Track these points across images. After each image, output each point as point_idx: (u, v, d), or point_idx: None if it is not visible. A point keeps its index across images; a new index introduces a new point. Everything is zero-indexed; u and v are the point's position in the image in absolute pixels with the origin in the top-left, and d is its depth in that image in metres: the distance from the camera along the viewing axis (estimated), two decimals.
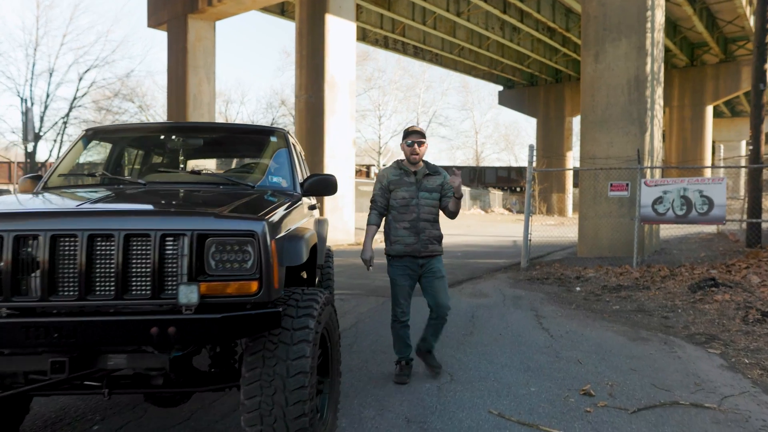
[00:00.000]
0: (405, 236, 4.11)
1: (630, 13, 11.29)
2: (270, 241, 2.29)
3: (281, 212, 2.73)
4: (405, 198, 4.13)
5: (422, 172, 4.20)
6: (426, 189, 4.17)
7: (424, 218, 4.14)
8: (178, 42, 21.21)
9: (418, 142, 4.13)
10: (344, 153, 16.44)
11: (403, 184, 4.16)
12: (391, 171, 4.25)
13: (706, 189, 9.04)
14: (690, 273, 8.53)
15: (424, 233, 4.13)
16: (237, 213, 2.41)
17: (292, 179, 3.73)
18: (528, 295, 7.91)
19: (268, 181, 3.70)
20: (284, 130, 4.06)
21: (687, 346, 5.34)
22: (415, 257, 4.14)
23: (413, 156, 4.15)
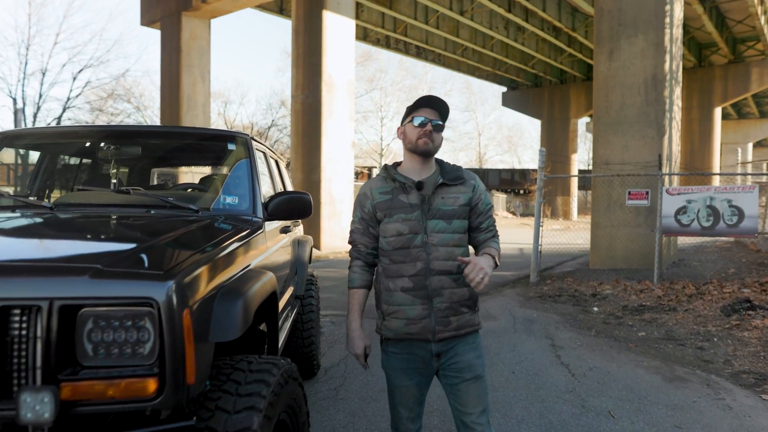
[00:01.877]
0: (406, 304, 2.25)
1: (647, 7, 10.48)
2: (181, 310, 1.49)
3: (214, 257, 1.93)
4: (402, 233, 2.26)
5: (433, 182, 2.30)
6: (441, 213, 2.26)
7: (440, 268, 2.24)
8: (171, 40, 20.45)
9: (434, 124, 2.30)
10: (343, 155, 15.66)
11: (398, 208, 2.28)
12: (378, 185, 2.37)
13: (736, 198, 8.22)
14: (719, 291, 7.72)
15: (442, 296, 2.24)
16: (130, 267, 1.60)
17: (252, 200, 2.91)
18: (541, 317, 7.09)
19: (220, 203, 2.90)
20: (245, 136, 3.24)
21: (735, 389, 4.52)
22: (427, 341, 2.28)
23: (422, 144, 2.28)
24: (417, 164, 2.35)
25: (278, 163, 4.55)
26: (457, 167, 2.42)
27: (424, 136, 2.29)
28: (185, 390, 1.50)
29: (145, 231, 2.16)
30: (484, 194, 2.39)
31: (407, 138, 2.34)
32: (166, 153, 3.43)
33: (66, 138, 3.21)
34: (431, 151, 2.33)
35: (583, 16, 25.02)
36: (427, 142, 2.30)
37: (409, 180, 2.33)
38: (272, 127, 38.21)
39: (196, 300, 1.62)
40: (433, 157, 2.39)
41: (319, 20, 15.24)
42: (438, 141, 2.35)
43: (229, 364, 1.88)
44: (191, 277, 1.64)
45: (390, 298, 2.30)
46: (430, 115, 2.33)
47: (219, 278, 1.88)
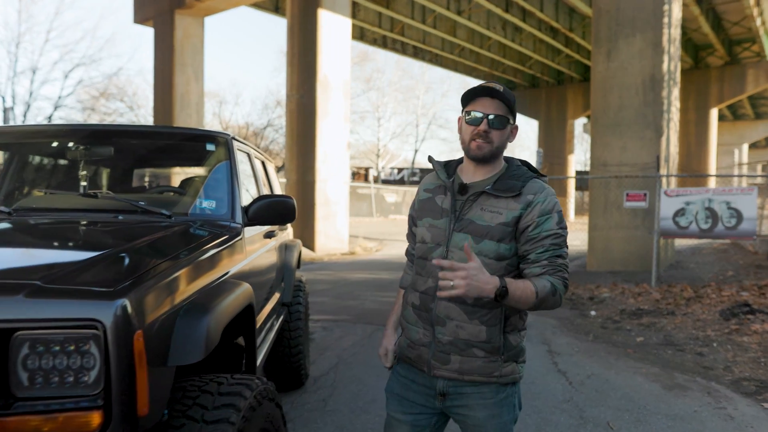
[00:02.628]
0: (411, 323, 1.95)
1: (645, 6, 10.36)
2: (132, 332, 1.33)
3: (180, 268, 1.76)
4: (425, 241, 1.93)
5: (480, 187, 1.87)
6: (472, 228, 1.83)
7: None
8: (164, 39, 20.24)
9: (491, 119, 1.83)
10: (338, 156, 15.49)
11: (429, 211, 1.95)
12: (429, 180, 2.05)
13: (734, 200, 8.09)
14: (718, 295, 7.58)
15: (444, 326, 1.85)
16: (75, 284, 1.43)
17: (230, 204, 2.74)
18: (537, 321, 6.95)
19: (197, 207, 2.74)
20: (227, 136, 3.07)
21: (736, 398, 4.38)
22: (427, 373, 1.91)
23: (474, 148, 1.85)
24: (471, 165, 1.92)
25: (265, 165, 4.38)
26: (524, 174, 1.88)
27: (477, 137, 1.83)
28: (136, 423, 1.34)
29: (105, 239, 2.00)
30: (543, 216, 1.78)
31: (461, 137, 1.91)
32: (142, 154, 3.25)
33: (34, 137, 3.04)
34: (486, 157, 1.85)
35: (581, 17, 24.90)
36: (480, 146, 1.83)
37: (457, 179, 1.93)
38: (268, 127, 38.00)
39: (152, 319, 1.45)
40: (497, 159, 1.91)
41: (315, 19, 15.07)
42: (499, 140, 1.85)
43: (196, 386, 1.72)
44: (148, 293, 1.48)
45: (405, 311, 2.01)
46: (488, 107, 1.83)
47: (183, 292, 1.72)
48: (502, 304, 1.73)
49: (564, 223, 1.83)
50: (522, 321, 1.92)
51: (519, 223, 1.80)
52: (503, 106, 1.84)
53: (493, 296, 1.63)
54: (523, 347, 1.91)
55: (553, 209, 1.81)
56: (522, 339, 1.91)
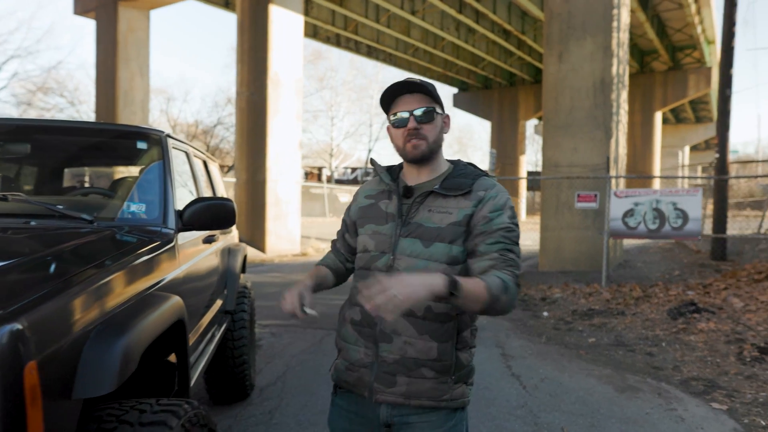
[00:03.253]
0: (350, 342, 1.75)
1: (596, 10, 10.47)
2: (22, 364, 1.13)
3: (93, 283, 1.56)
4: (367, 250, 1.76)
5: (427, 187, 1.72)
6: (421, 231, 1.67)
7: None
8: (107, 32, 19.51)
9: (418, 114, 1.69)
10: (289, 155, 15.22)
11: (372, 217, 1.79)
12: (369, 186, 1.91)
13: (681, 201, 8.23)
14: (665, 294, 7.68)
15: (391, 344, 1.66)
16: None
17: (162, 208, 2.53)
18: (491, 323, 6.89)
19: (125, 211, 2.52)
20: (160, 133, 2.85)
21: (686, 398, 4.39)
22: (368, 399, 1.70)
23: (411, 149, 1.70)
24: (413, 168, 1.77)
25: (207, 165, 4.16)
26: (473, 172, 1.75)
27: (410, 137, 1.68)
28: None
29: (6, 249, 1.78)
30: (495, 212, 1.63)
31: (394, 144, 1.75)
32: (65, 152, 2.99)
33: None
34: (425, 155, 1.70)
35: (533, 20, 25.22)
36: (416, 145, 1.68)
37: (402, 184, 1.77)
38: (218, 125, 37.23)
39: (52, 346, 1.25)
40: (437, 156, 1.75)
41: (266, 15, 14.76)
42: (433, 134, 1.70)
43: (114, 416, 1.52)
44: (48, 315, 1.27)
45: (341, 329, 1.80)
46: (411, 104, 1.69)
47: (97, 311, 1.51)
48: (455, 305, 1.52)
49: (516, 219, 1.68)
50: (473, 337, 1.74)
51: (471, 222, 1.65)
52: (425, 97, 1.70)
53: (446, 290, 1.40)
54: (473, 367, 1.74)
55: (506, 205, 1.67)
56: (472, 357, 1.74)
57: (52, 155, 3.01)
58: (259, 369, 4.99)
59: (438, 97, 1.71)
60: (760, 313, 6.18)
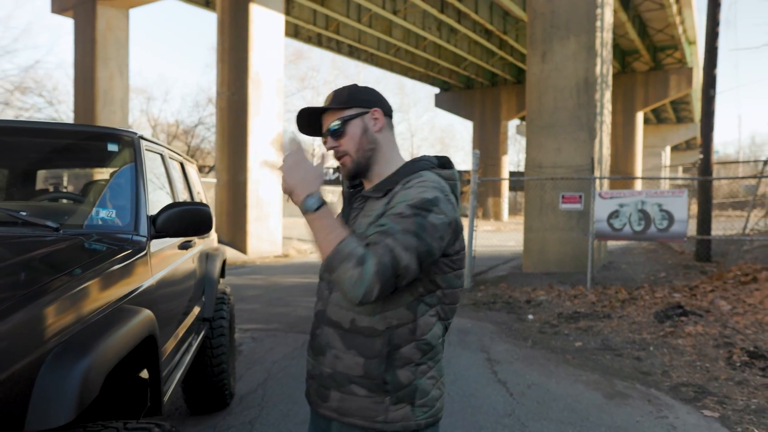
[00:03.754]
0: (307, 351, 1.69)
1: (579, 10, 10.43)
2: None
3: (52, 300, 1.41)
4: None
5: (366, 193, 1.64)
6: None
7: (332, 316, 1.57)
8: (85, 31, 19.18)
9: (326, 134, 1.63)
10: (270, 156, 15.01)
11: None
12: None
13: (666, 202, 8.19)
14: (651, 296, 7.64)
15: (325, 356, 1.57)
16: None
17: (134, 214, 2.38)
18: (475, 327, 6.79)
19: (94, 218, 2.37)
20: (132, 135, 2.69)
21: (676, 405, 4.30)
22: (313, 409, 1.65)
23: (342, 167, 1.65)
24: None
25: (184, 167, 3.99)
26: (411, 168, 1.57)
27: (336, 158, 1.63)
28: None
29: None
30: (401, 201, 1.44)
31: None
32: (32, 154, 2.81)
33: None
34: (355, 169, 1.60)
35: (514, 20, 25.23)
36: (342, 163, 1.62)
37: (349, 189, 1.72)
38: (199, 125, 36.82)
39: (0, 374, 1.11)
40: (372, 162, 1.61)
41: (246, 14, 14.57)
42: (351, 143, 1.58)
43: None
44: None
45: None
46: (326, 122, 1.62)
47: (53, 331, 1.36)
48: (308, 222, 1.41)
49: (430, 213, 1.41)
50: (421, 353, 1.52)
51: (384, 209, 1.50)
52: (333, 112, 1.61)
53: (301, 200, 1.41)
54: (422, 386, 1.52)
55: (416, 195, 1.43)
56: (421, 376, 1.53)
57: (21, 157, 2.83)
58: (239, 376, 4.84)
59: (348, 100, 1.59)
60: (747, 316, 6.14)
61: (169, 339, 2.67)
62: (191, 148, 36.55)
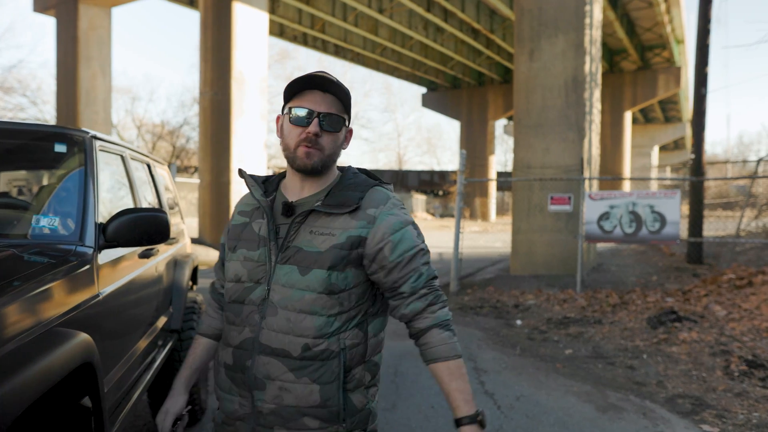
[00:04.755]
0: (224, 390, 1.47)
1: (567, 7, 10.25)
2: None
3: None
4: (240, 279, 1.47)
5: (309, 205, 1.44)
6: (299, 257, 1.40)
7: (271, 344, 1.39)
8: (67, 30, 18.81)
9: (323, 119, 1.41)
10: (254, 156, 14.76)
11: (245, 240, 1.50)
12: (245, 200, 1.63)
13: (658, 204, 8.01)
14: (643, 301, 7.45)
15: (265, 391, 1.39)
16: None
17: (80, 222, 2.13)
18: (462, 333, 6.56)
19: (35, 227, 2.12)
20: (83, 134, 2.43)
21: (673, 419, 4.10)
22: None
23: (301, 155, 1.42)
24: (297, 178, 1.48)
25: (151, 169, 3.73)
26: (364, 182, 1.49)
27: (305, 142, 1.40)
28: None
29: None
30: (397, 233, 1.40)
31: (283, 141, 1.46)
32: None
33: None
34: (315, 168, 1.42)
35: (501, 19, 25.10)
36: (309, 153, 1.40)
37: (280, 197, 1.50)
38: (185, 125, 36.41)
39: None
40: (329, 170, 1.48)
41: (229, 12, 14.29)
42: (331, 147, 1.43)
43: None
44: None
45: (217, 376, 1.52)
46: (319, 103, 1.41)
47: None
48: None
49: (422, 234, 1.50)
50: (369, 374, 1.47)
51: (365, 247, 1.40)
52: (337, 102, 1.45)
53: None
54: (372, 410, 1.47)
55: (406, 221, 1.45)
56: (372, 399, 1.48)
57: None
58: (212, 388, 4.57)
59: (349, 108, 1.48)
60: (744, 322, 5.96)
61: (122, 358, 2.42)
62: (177, 149, 36.15)
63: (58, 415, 1.83)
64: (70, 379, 1.78)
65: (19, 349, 1.41)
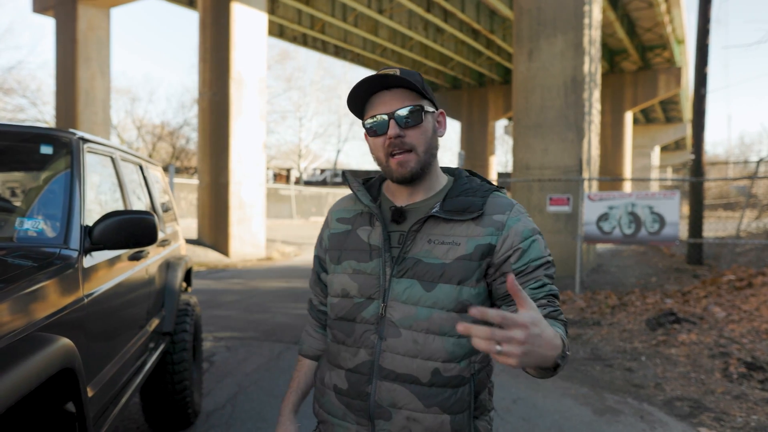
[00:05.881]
0: (336, 416, 1.34)
1: (567, 6, 10.20)
2: None
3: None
4: (348, 294, 1.34)
5: (424, 211, 1.33)
6: (419, 270, 1.27)
7: (396, 369, 1.27)
8: (66, 30, 18.77)
9: (400, 116, 1.27)
10: (253, 157, 14.70)
11: (351, 250, 1.36)
12: (342, 204, 1.47)
13: (657, 204, 7.97)
14: (642, 302, 7.41)
15: (392, 421, 1.27)
16: None
17: (65, 225, 2.11)
18: None
19: (20, 230, 2.10)
20: (71, 135, 2.41)
21: (671, 422, 4.06)
22: None
23: (395, 166, 1.29)
24: (403, 186, 1.36)
25: (143, 170, 3.70)
26: (480, 186, 1.35)
27: (394, 149, 1.28)
28: None
29: None
30: (527, 241, 1.28)
31: (375, 156, 1.34)
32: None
33: None
34: (415, 173, 1.29)
35: (501, 19, 25.06)
36: (403, 162, 1.28)
37: (387, 204, 1.37)
38: (185, 126, 36.35)
39: None
40: (432, 169, 1.35)
41: (227, 12, 14.25)
42: (422, 141, 1.29)
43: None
44: None
45: (321, 397, 1.39)
46: (391, 103, 1.28)
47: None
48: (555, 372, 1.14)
49: (548, 247, 1.35)
50: (491, 397, 1.37)
51: (492, 256, 1.27)
52: (409, 93, 1.29)
53: (552, 365, 1.05)
54: None
55: (534, 230, 1.31)
56: (491, 425, 1.36)
57: None
58: (208, 390, 4.54)
59: (427, 90, 1.31)
60: (743, 324, 5.91)
61: (110, 362, 2.39)
62: (177, 150, 36.12)
63: (40, 420, 1.80)
64: (51, 384, 1.75)
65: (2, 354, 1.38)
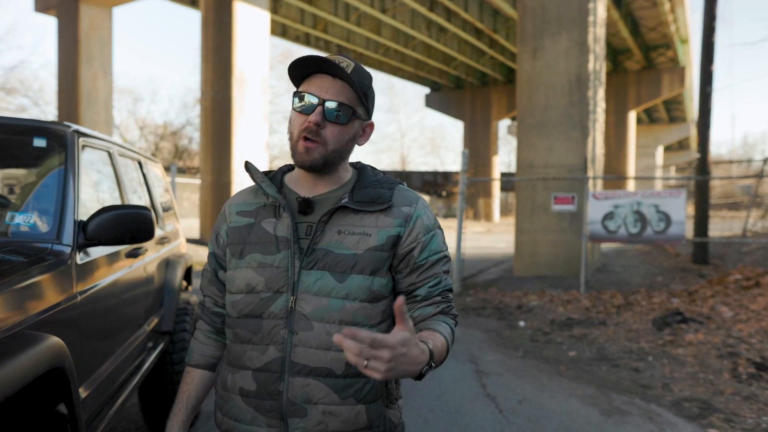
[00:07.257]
0: (244, 422, 1.27)
1: (571, 4, 10.12)
2: None
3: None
4: (254, 289, 1.27)
5: (331, 203, 1.30)
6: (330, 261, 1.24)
7: (309, 362, 1.22)
8: (68, 30, 18.76)
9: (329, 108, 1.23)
10: (256, 157, 14.66)
11: (256, 243, 1.30)
12: (241, 198, 1.41)
13: (663, 203, 7.88)
14: (648, 302, 7.32)
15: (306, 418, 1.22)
16: None
17: (58, 220, 2.04)
18: (464, 334, 6.45)
19: (13, 225, 2.04)
20: (64, 129, 2.35)
21: (680, 423, 3.98)
22: None
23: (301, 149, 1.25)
24: (308, 174, 1.32)
25: (142, 166, 3.64)
26: (387, 180, 1.35)
27: (305, 133, 1.23)
28: None
29: None
30: (428, 234, 1.30)
31: (290, 132, 1.29)
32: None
33: None
34: (315, 165, 1.25)
35: (504, 18, 24.98)
36: (309, 149, 1.24)
37: (291, 195, 1.32)
38: (187, 126, 36.35)
39: None
40: (335, 167, 1.31)
41: (230, 11, 14.21)
42: (336, 141, 1.25)
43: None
44: None
45: (225, 404, 1.31)
46: (327, 90, 1.24)
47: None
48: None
49: (446, 241, 1.40)
50: (397, 385, 1.38)
51: (398, 246, 1.28)
52: (349, 90, 1.26)
53: (415, 376, 1.06)
54: (403, 425, 1.38)
55: (435, 224, 1.35)
56: (401, 413, 1.38)
57: None
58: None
59: (366, 97, 1.29)
60: (751, 324, 5.83)
61: (105, 362, 2.33)
62: (179, 149, 36.12)
63: (31, 422, 1.74)
64: (40, 385, 1.69)
65: None
